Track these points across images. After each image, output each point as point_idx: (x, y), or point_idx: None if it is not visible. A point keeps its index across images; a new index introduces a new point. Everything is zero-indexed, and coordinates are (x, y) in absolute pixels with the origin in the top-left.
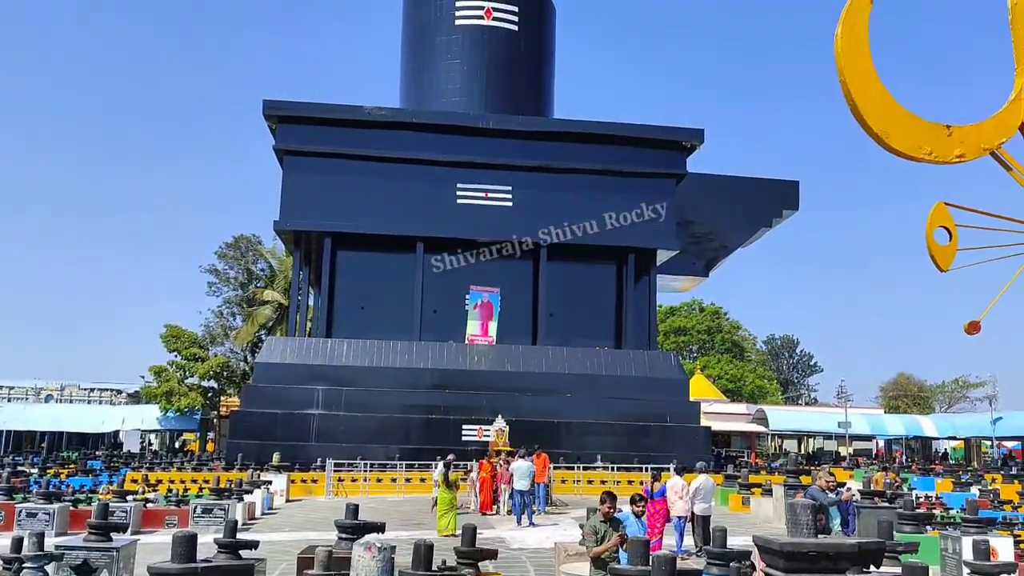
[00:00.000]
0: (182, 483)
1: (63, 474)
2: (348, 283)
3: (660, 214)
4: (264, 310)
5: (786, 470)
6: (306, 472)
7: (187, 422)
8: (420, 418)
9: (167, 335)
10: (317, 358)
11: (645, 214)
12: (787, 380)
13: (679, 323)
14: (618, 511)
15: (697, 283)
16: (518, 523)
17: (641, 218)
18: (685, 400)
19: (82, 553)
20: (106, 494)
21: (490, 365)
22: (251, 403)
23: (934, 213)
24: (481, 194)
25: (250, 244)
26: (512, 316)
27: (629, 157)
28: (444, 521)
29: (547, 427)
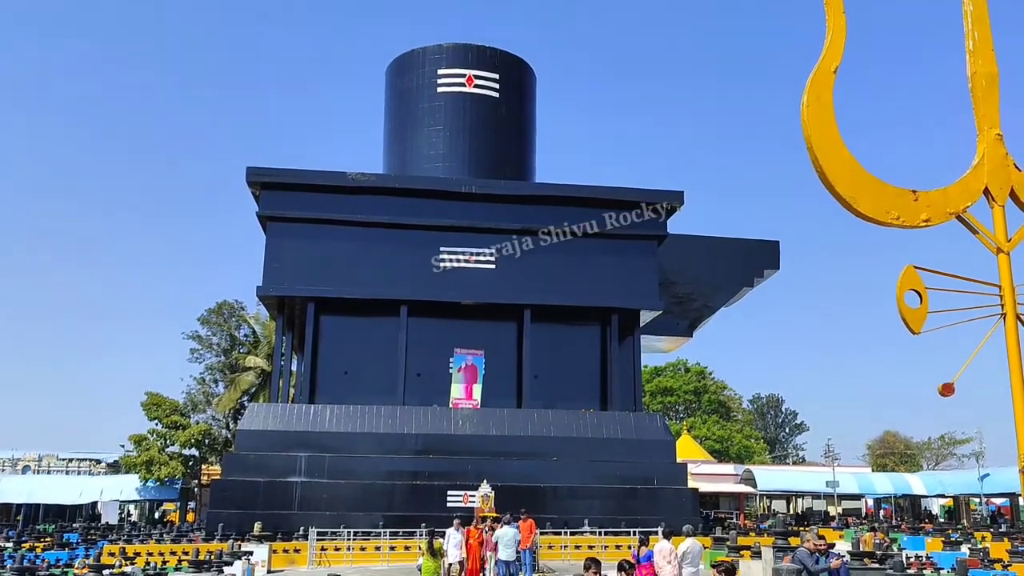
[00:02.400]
0: (161, 555)
1: (39, 548)
2: (331, 348)
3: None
4: (247, 376)
5: (775, 531)
6: (288, 541)
7: (167, 492)
8: (404, 484)
9: (148, 403)
10: (300, 424)
11: (627, 276)
12: (774, 439)
13: (665, 383)
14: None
15: (681, 343)
16: None
17: (623, 279)
18: (672, 462)
19: None
20: (82, 568)
21: (475, 429)
22: (233, 471)
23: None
24: (464, 257)
25: (233, 310)
26: (496, 379)
27: (610, 219)
28: None
29: (533, 491)
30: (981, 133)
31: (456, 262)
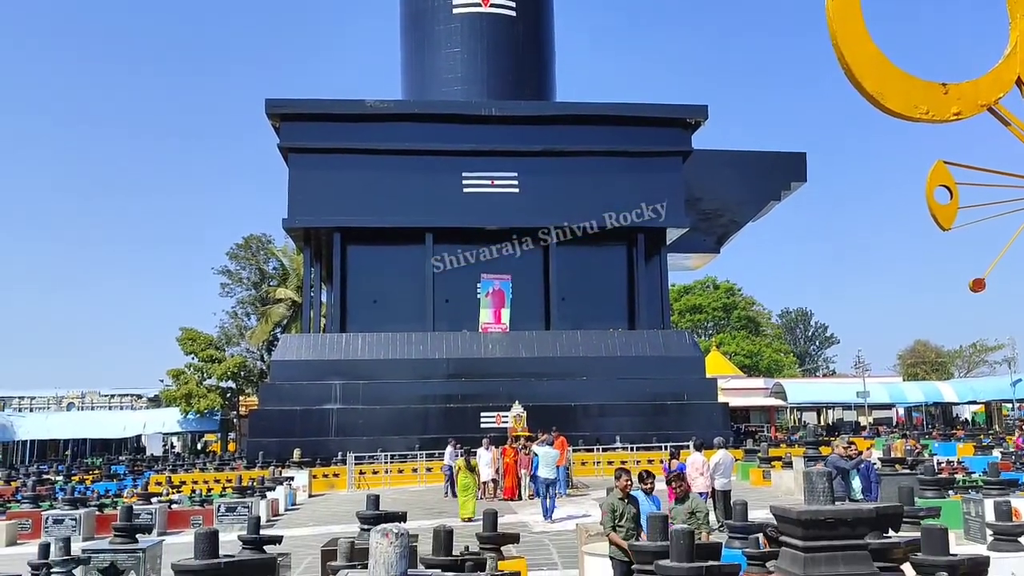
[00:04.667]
0: (205, 483)
1: (88, 480)
2: (359, 277)
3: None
4: (278, 308)
5: (806, 442)
6: (327, 467)
7: (208, 423)
8: (438, 407)
9: (183, 338)
10: (333, 353)
11: (653, 193)
12: (804, 353)
13: (694, 301)
14: (635, 488)
15: (709, 260)
16: (544, 517)
17: (649, 198)
18: (702, 377)
19: (109, 556)
20: (131, 497)
21: (505, 352)
22: (269, 401)
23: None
24: (487, 182)
25: (261, 244)
26: (524, 302)
27: (634, 137)
28: (467, 506)
29: (564, 411)
30: (1013, 21)
31: (479, 187)
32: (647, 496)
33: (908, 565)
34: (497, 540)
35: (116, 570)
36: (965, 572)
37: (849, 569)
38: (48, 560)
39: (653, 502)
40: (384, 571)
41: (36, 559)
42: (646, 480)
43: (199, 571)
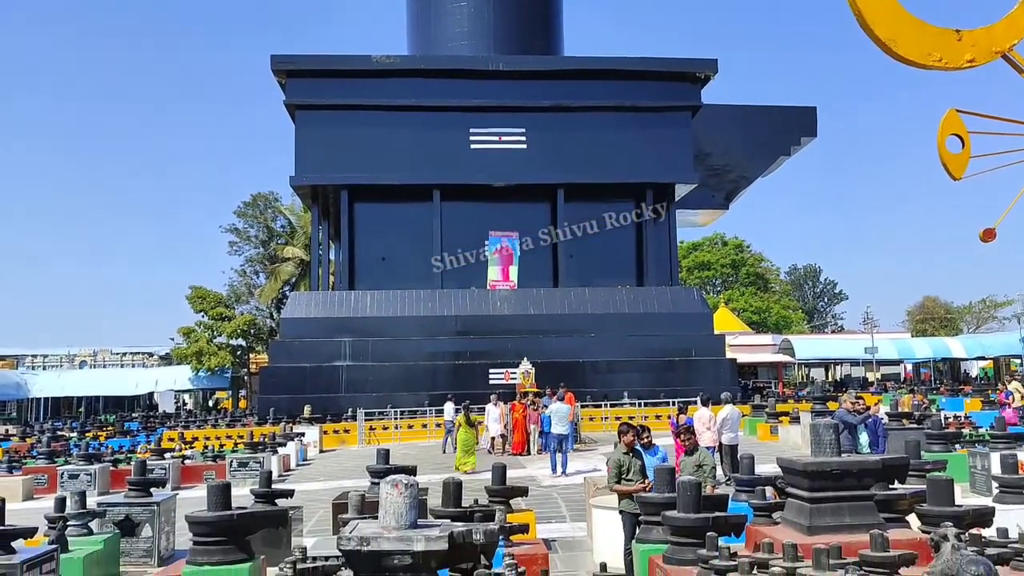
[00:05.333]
0: (217, 439)
1: (101, 437)
2: (367, 235)
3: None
4: (286, 266)
5: (813, 397)
6: (338, 423)
7: (219, 381)
8: (447, 364)
9: (193, 296)
10: (342, 311)
11: (661, 149)
12: (812, 309)
13: (702, 258)
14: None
15: (718, 216)
16: (553, 472)
17: (657, 153)
18: (709, 334)
19: (124, 509)
20: (144, 453)
21: (513, 309)
22: (279, 358)
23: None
24: (495, 138)
25: (268, 202)
26: (532, 259)
27: (643, 92)
28: (467, 459)
29: (572, 367)
30: None
31: (487, 143)
32: (646, 450)
33: (914, 516)
34: (506, 493)
35: (131, 523)
36: (971, 523)
37: (855, 520)
38: (64, 513)
39: (653, 455)
40: (394, 521)
41: (52, 512)
42: (643, 435)
43: (212, 522)
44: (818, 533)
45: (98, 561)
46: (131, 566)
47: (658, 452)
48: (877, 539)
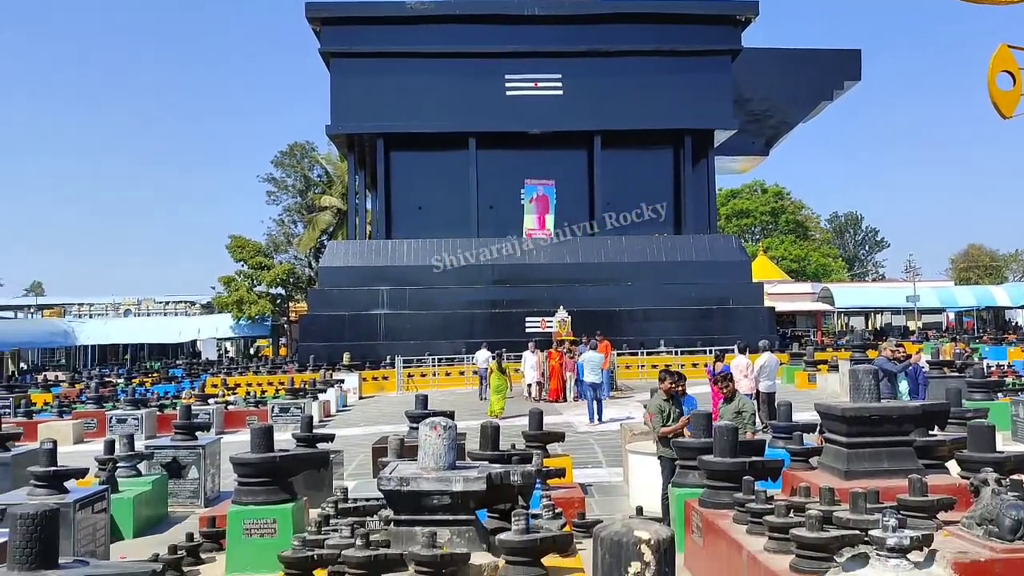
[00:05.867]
0: (259, 386)
1: (147, 383)
2: (404, 184)
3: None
4: (324, 216)
5: (852, 346)
6: (376, 370)
7: (259, 329)
8: (483, 312)
9: (232, 246)
10: (379, 260)
11: (700, 95)
12: (853, 257)
13: (741, 206)
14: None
15: (757, 163)
16: (590, 420)
17: (696, 99)
18: (748, 282)
19: (171, 451)
20: (189, 398)
21: (549, 258)
22: (318, 307)
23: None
24: (530, 84)
25: (305, 151)
26: (568, 207)
27: (681, 36)
28: (497, 403)
29: (609, 315)
30: None
31: (522, 90)
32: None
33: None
34: (543, 438)
35: (178, 465)
36: (1011, 469)
37: (893, 465)
38: (114, 456)
39: (688, 403)
40: (433, 462)
41: (103, 455)
42: (677, 382)
43: (256, 463)
44: (855, 478)
45: (147, 501)
46: (178, 506)
47: (691, 401)
48: (916, 483)
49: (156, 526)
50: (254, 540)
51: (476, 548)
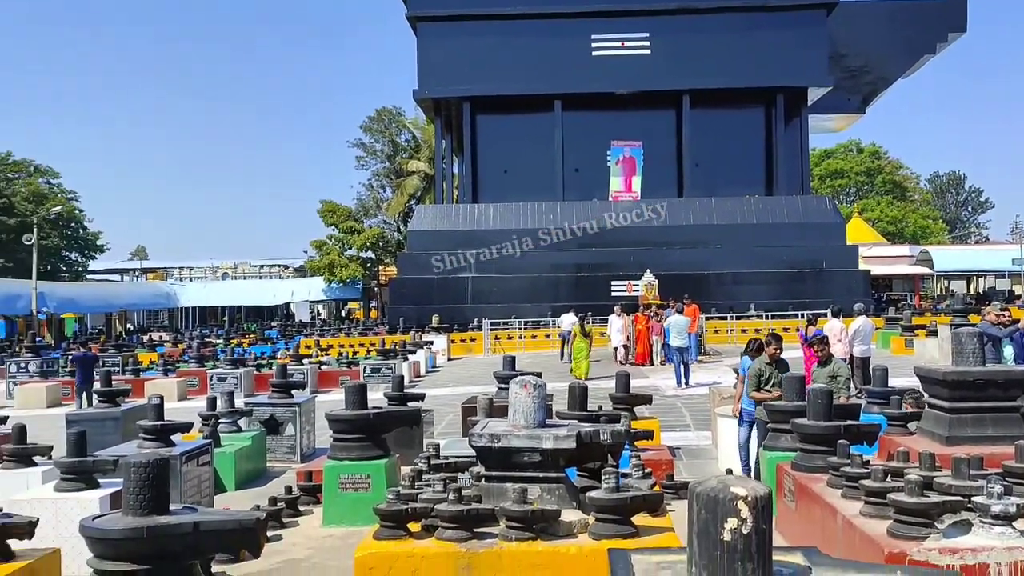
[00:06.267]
0: (351, 347)
1: (245, 343)
2: (490, 147)
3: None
4: (412, 180)
5: (953, 310)
6: (464, 332)
7: (350, 291)
8: (569, 276)
9: (324, 211)
10: (466, 223)
11: (794, 51)
12: (954, 219)
13: (835, 166)
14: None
15: (853, 121)
16: (677, 384)
17: (789, 55)
18: (842, 244)
19: (268, 409)
20: (284, 359)
21: (636, 220)
22: (407, 270)
23: None
24: (617, 44)
25: (392, 116)
26: (656, 169)
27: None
28: (581, 366)
29: (697, 279)
30: None
31: (609, 50)
32: None
33: None
34: (630, 401)
35: (275, 422)
36: None
37: (998, 431)
38: (216, 412)
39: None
40: (523, 419)
41: (205, 411)
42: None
43: (350, 420)
44: (957, 444)
45: (247, 455)
46: (276, 461)
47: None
48: (1022, 450)
49: (255, 480)
50: (349, 494)
51: (566, 505)
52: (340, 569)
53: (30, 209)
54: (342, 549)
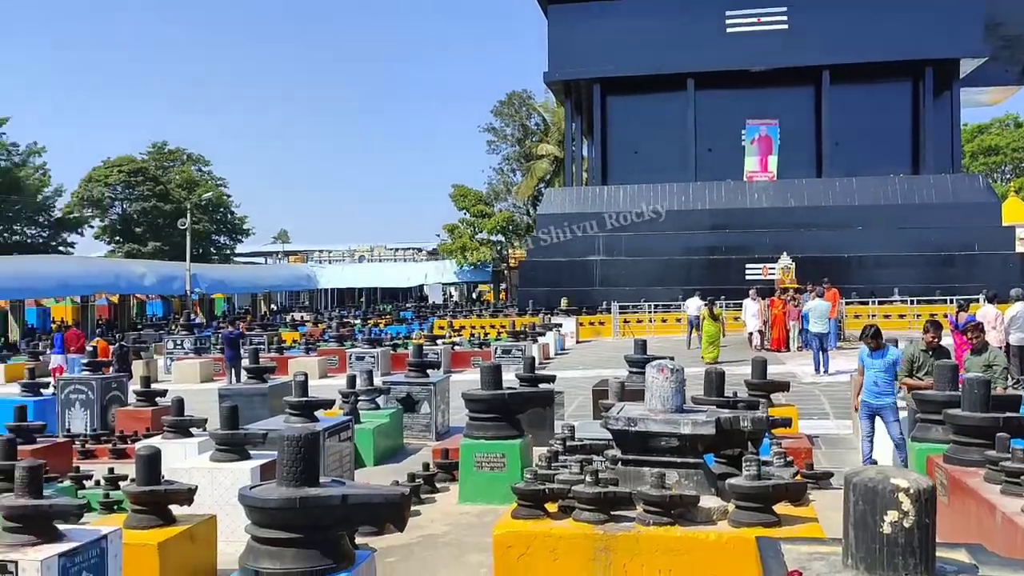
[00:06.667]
0: (482, 328)
1: (381, 324)
2: (620, 128)
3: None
4: (541, 163)
5: None
6: (592, 315)
7: (481, 274)
8: (700, 259)
9: (455, 195)
10: (595, 206)
11: (944, 20)
12: None
13: (990, 142)
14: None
15: (1010, 93)
16: (816, 371)
17: (939, 25)
18: (996, 226)
19: (405, 387)
20: (419, 339)
21: (771, 201)
22: (537, 253)
23: None
24: (753, 20)
25: (522, 100)
26: (793, 148)
27: None
28: (711, 351)
29: (836, 262)
30: None
31: (744, 26)
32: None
33: None
34: (766, 387)
35: (411, 400)
36: None
37: None
38: (355, 389)
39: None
40: (660, 404)
41: (345, 388)
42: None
43: (486, 400)
44: None
45: (385, 432)
46: (412, 438)
47: (887, 354)
48: None
49: (393, 456)
50: (484, 472)
51: (704, 491)
52: (477, 546)
53: (183, 195)
54: (478, 526)
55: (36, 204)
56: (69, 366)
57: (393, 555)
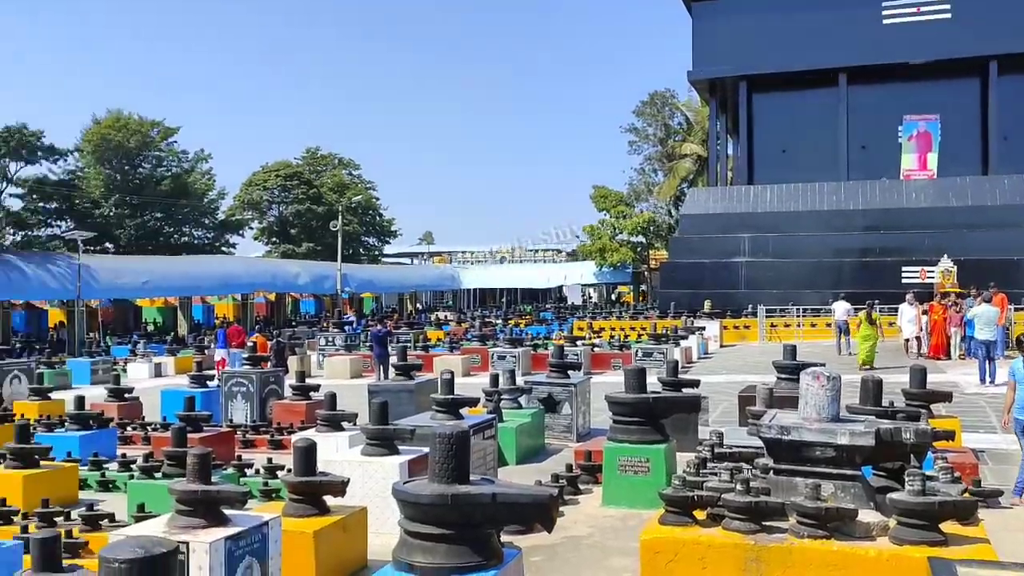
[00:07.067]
0: (622, 330)
1: (521, 324)
2: (766, 127)
3: None
4: (684, 163)
5: None
6: (737, 319)
7: (620, 275)
8: (853, 261)
9: (595, 196)
10: (741, 206)
11: None
12: None
13: None
14: None
15: None
16: (981, 381)
17: None
18: None
19: (547, 388)
20: (559, 340)
21: (931, 201)
22: (679, 254)
23: None
24: (912, 9)
25: (665, 99)
26: (955, 145)
27: None
28: (867, 354)
29: (1004, 265)
30: None
31: (902, 16)
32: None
33: None
34: (926, 397)
35: (553, 400)
36: None
37: None
38: (498, 388)
39: None
40: (815, 412)
41: (488, 387)
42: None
43: (631, 403)
44: None
45: (527, 432)
46: (553, 439)
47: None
48: None
49: (534, 456)
50: (628, 476)
51: (862, 505)
52: (621, 550)
53: (335, 198)
54: (622, 531)
55: (202, 207)
56: (231, 360)
57: (538, 554)
